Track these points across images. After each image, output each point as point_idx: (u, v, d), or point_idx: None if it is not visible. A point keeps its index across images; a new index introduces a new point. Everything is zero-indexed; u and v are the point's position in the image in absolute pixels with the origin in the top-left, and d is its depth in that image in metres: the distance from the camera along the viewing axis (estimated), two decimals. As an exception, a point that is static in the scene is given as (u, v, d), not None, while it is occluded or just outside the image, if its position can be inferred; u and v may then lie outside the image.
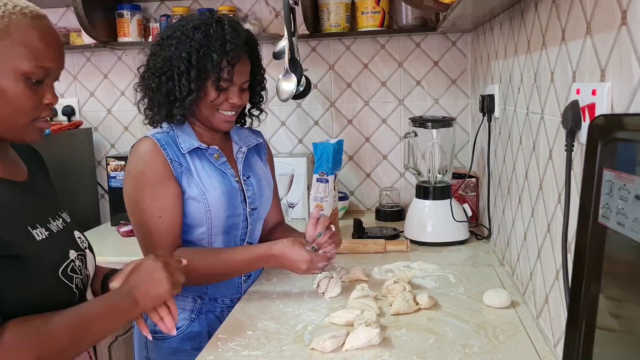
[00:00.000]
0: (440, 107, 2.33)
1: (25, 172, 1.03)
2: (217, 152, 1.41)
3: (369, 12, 2.19)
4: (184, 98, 1.33)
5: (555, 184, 1.02)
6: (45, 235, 0.96)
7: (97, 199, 2.55)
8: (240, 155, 1.47)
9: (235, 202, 1.41)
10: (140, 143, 1.36)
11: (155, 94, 1.36)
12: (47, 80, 0.94)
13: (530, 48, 1.22)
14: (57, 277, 0.95)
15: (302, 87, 2.12)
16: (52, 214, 1.02)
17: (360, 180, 2.42)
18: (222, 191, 1.38)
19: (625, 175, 0.63)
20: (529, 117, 1.23)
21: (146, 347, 1.41)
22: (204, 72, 1.32)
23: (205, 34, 1.32)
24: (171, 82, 1.33)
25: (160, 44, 1.36)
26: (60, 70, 0.97)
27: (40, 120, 0.95)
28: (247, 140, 1.52)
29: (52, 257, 0.96)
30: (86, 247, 1.09)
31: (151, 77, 1.36)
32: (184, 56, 1.31)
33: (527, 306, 1.26)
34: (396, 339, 1.12)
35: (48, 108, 0.95)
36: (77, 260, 1.02)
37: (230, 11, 2.27)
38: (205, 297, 1.42)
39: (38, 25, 0.91)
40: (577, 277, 0.72)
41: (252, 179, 1.47)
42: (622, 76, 0.73)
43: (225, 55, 1.32)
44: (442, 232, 1.77)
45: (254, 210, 1.46)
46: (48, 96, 0.94)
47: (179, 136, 1.38)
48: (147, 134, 1.38)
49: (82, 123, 2.46)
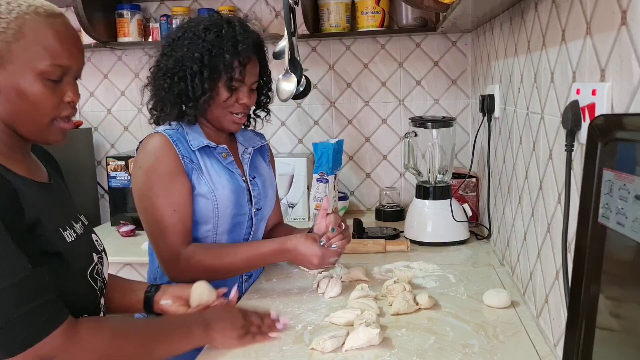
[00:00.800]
0: (440, 107, 2.33)
1: (46, 175, 1.04)
2: (225, 150, 1.42)
3: (369, 12, 2.19)
4: (197, 98, 1.34)
5: (555, 184, 1.02)
6: (73, 237, 0.97)
7: (97, 199, 2.56)
8: (246, 155, 1.49)
9: (242, 201, 1.42)
10: (150, 138, 1.36)
11: (167, 94, 1.36)
12: (67, 78, 0.94)
13: (530, 48, 1.22)
14: (85, 279, 0.97)
15: (302, 87, 2.12)
16: (74, 217, 1.04)
17: (360, 180, 2.42)
18: (231, 190, 1.39)
19: (625, 175, 0.63)
20: (529, 117, 1.23)
21: None
22: (216, 72, 1.33)
23: (217, 35, 1.33)
24: (183, 82, 1.33)
25: (170, 44, 1.37)
26: (79, 67, 0.97)
27: (61, 120, 0.95)
28: (252, 142, 1.53)
29: (81, 258, 0.98)
30: (103, 250, 1.10)
31: (162, 77, 1.36)
32: (196, 56, 1.32)
33: (527, 306, 1.26)
34: (396, 339, 1.12)
35: (70, 106, 0.95)
36: (98, 264, 1.03)
37: (230, 11, 2.28)
38: None
39: (53, 23, 0.91)
40: (577, 277, 0.72)
41: (257, 179, 1.49)
42: (622, 76, 0.73)
43: (237, 56, 1.34)
44: (442, 232, 1.77)
45: (258, 211, 1.48)
46: (69, 94, 0.94)
47: (189, 133, 1.38)
48: (157, 130, 1.38)
49: (82, 123, 2.45)
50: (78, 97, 0.96)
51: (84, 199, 2.45)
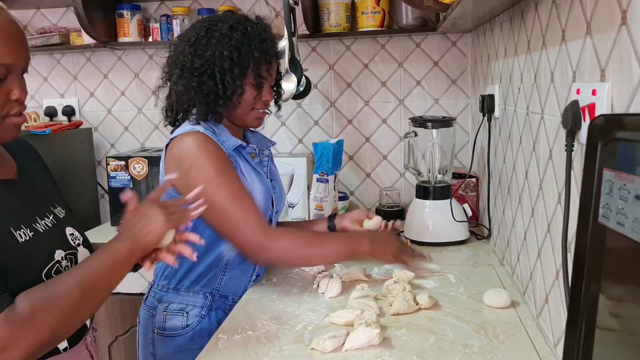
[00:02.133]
0: (440, 107, 2.33)
1: (14, 170, 1.01)
2: (253, 150, 1.43)
3: (369, 12, 2.19)
4: (228, 97, 1.34)
5: (555, 184, 1.02)
6: (29, 235, 0.93)
7: (97, 199, 2.55)
8: (265, 158, 1.50)
9: (269, 203, 1.43)
10: (189, 136, 1.32)
11: (196, 94, 1.35)
12: (12, 76, 0.89)
13: (530, 48, 1.22)
14: (41, 280, 0.92)
15: (302, 87, 2.12)
16: (41, 212, 1.00)
17: (360, 180, 2.42)
18: (263, 191, 1.40)
19: (625, 175, 0.63)
20: (529, 117, 1.23)
21: (153, 343, 1.40)
22: (245, 69, 1.34)
23: (244, 33, 1.35)
24: (212, 81, 1.34)
25: (194, 44, 1.36)
26: (24, 63, 0.92)
27: (12, 117, 0.91)
28: (263, 144, 1.54)
29: (35, 259, 0.93)
30: (79, 244, 1.05)
31: (190, 76, 1.35)
32: (226, 55, 1.32)
33: (527, 306, 1.26)
34: (396, 339, 1.12)
35: (17, 104, 0.91)
36: (64, 260, 0.99)
37: (230, 11, 2.27)
38: (216, 294, 1.41)
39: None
40: (577, 277, 0.72)
41: (274, 181, 1.50)
42: (622, 76, 0.73)
43: (265, 53, 1.36)
44: (442, 232, 1.77)
45: (276, 213, 1.49)
46: (15, 92, 0.89)
47: (220, 134, 1.37)
48: (189, 130, 1.34)
49: (82, 123, 2.46)
50: (25, 94, 0.91)
51: (84, 199, 2.45)
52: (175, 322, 1.38)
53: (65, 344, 0.98)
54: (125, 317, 2.07)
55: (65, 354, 0.98)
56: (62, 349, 0.98)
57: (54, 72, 2.56)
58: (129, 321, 2.07)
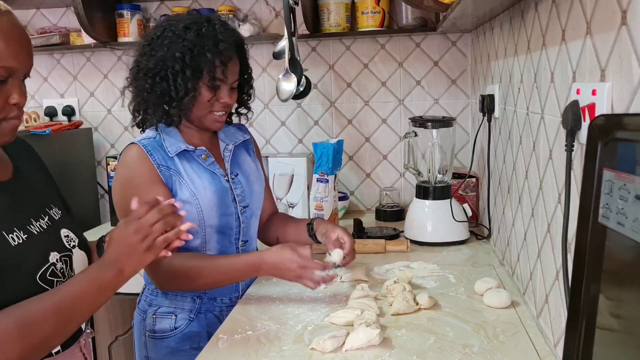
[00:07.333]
0: (440, 107, 2.33)
1: (9, 171, 1.00)
2: (204, 152, 1.41)
3: (369, 12, 2.19)
4: (180, 98, 1.33)
5: (555, 184, 1.02)
6: (22, 238, 0.92)
7: (97, 199, 2.55)
8: (227, 153, 1.47)
9: (226, 202, 1.41)
10: (126, 150, 1.37)
11: (149, 95, 1.35)
12: (12, 80, 0.89)
13: (530, 48, 1.22)
14: (35, 283, 0.91)
15: (302, 87, 2.12)
16: (36, 214, 0.99)
17: (360, 180, 2.42)
18: (213, 191, 1.38)
19: (625, 175, 0.63)
20: (529, 117, 1.23)
21: (145, 346, 1.41)
22: (198, 71, 1.32)
23: (198, 34, 1.32)
24: (165, 82, 1.32)
25: (150, 44, 1.35)
26: (27, 68, 0.92)
27: (9, 120, 0.91)
28: (233, 138, 1.52)
29: (28, 262, 0.92)
30: (75, 246, 1.04)
31: (144, 77, 1.35)
32: (177, 56, 1.30)
33: (527, 306, 1.26)
34: (396, 339, 1.12)
35: (16, 108, 0.90)
36: (59, 263, 0.97)
37: (230, 11, 2.27)
38: (204, 296, 1.41)
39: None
40: (577, 277, 0.72)
41: (240, 176, 1.47)
42: (622, 76, 0.73)
43: (219, 55, 1.32)
44: (442, 232, 1.77)
45: (245, 208, 1.46)
46: (14, 96, 0.89)
47: (165, 140, 1.38)
48: (134, 141, 1.38)
49: (82, 123, 2.46)
50: (24, 99, 0.91)
51: (84, 199, 2.45)
52: (164, 324, 1.39)
53: (57, 347, 0.97)
54: (125, 317, 2.07)
55: (57, 356, 0.97)
56: (54, 352, 0.96)
57: (54, 72, 2.56)
58: (129, 321, 2.06)
